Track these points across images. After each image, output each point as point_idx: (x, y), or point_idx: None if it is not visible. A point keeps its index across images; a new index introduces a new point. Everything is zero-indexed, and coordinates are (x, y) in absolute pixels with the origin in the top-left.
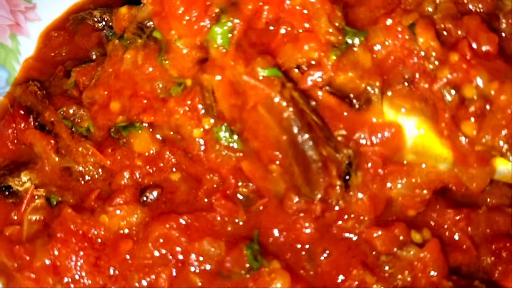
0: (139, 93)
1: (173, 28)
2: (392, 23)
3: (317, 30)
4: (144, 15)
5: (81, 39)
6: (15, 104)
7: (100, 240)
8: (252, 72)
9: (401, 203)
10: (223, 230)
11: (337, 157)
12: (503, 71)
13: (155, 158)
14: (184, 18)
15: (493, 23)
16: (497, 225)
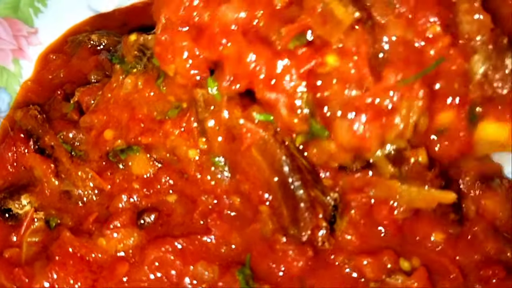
0: (136, 116)
1: (173, 64)
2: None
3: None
4: (153, 44)
5: (78, 62)
6: (16, 127)
7: (97, 263)
8: (248, 117)
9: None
10: (217, 253)
11: (324, 200)
12: None
13: (152, 180)
14: (187, 62)
15: None
16: (486, 251)
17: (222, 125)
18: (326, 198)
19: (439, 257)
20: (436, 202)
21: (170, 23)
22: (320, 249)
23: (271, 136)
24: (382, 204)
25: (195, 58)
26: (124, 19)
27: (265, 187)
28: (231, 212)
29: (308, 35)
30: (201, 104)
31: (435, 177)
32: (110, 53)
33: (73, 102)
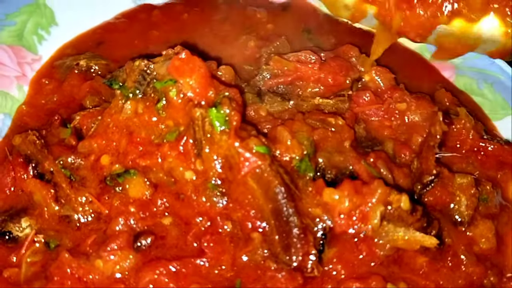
0: (135, 140)
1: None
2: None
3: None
4: (163, 70)
5: (70, 88)
6: (14, 152)
7: (94, 284)
8: (246, 146)
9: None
10: (209, 276)
11: (314, 228)
12: None
13: (148, 203)
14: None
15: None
16: (470, 276)
17: (219, 154)
18: (316, 227)
19: (424, 281)
20: (419, 245)
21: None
22: (309, 276)
23: (267, 165)
24: (367, 241)
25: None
26: (99, 38)
27: (258, 214)
28: (224, 235)
29: None
30: (199, 123)
31: (417, 221)
32: (108, 79)
33: (72, 127)
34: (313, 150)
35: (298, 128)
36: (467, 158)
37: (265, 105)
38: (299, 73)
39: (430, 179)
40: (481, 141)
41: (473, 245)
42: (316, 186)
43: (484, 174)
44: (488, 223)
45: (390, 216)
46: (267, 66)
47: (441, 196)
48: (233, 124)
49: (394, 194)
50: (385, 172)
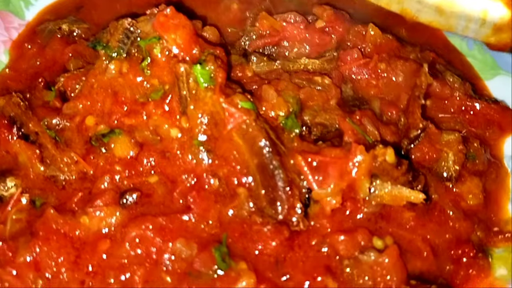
0: (119, 99)
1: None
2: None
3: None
4: (147, 28)
5: (52, 53)
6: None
7: (80, 240)
8: (231, 102)
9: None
10: (196, 232)
11: (299, 183)
12: None
13: (134, 162)
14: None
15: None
16: (457, 231)
17: (204, 111)
18: (302, 182)
19: (411, 236)
20: (405, 201)
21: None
22: (295, 230)
23: (252, 120)
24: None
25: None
26: (80, 2)
27: (244, 170)
28: (210, 191)
29: None
30: (183, 79)
31: (402, 175)
32: (92, 42)
33: (56, 89)
34: (299, 107)
35: (284, 87)
36: (455, 118)
37: (251, 65)
38: (285, 33)
39: (416, 133)
40: (468, 101)
41: (461, 201)
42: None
43: (472, 132)
44: (476, 179)
45: (375, 170)
46: (253, 27)
47: (428, 153)
48: (218, 81)
49: (380, 148)
50: (371, 128)
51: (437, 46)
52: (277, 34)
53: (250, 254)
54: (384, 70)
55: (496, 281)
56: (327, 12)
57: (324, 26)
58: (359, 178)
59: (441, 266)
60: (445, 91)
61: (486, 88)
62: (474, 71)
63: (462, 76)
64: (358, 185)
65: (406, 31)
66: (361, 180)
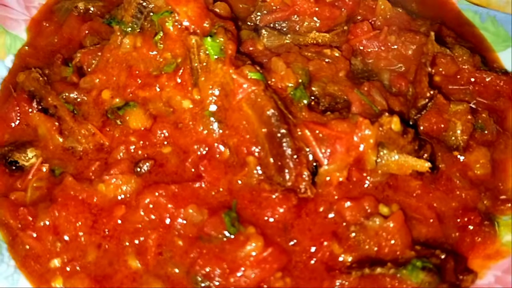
0: (134, 73)
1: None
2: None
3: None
4: (160, 2)
5: (69, 30)
6: (18, 89)
7: (97, 206)
8: (241, 73)
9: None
10: (207, 198)
11: (307, 152)
12: None
13: (148, 133)
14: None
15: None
16: (463, 199)
17: (215, 82)
18: (309, 152)
19: (417, 203)
20: (411, 169)
21: None
22: (302, 197)
23: (261, 90)
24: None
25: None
26: None
27: (253, 139)
28: (221, 160)
29: None
30: (194, 51)
31: (408, 143)
32: (107, 19)
33: (74, 64)
34: (308, 79)
35: (293, 59)
36: (464, 89)
37: (262, 40)
38: (296, 7)
39: (424, 102)
40: (477, 72)
41: (468, 170)
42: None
43: (481, 103)
44: (483, 149)
45: (381, 138)
46: (264, 3)
47: (436, 123)
48: (228, 53)
49: (385, 116)
50: (379, 99)
51: (448, 19)
52: (288, 9)
53: (259, 220)
54: (394, 42)
55: (502, 247)
56: None
57: (334, 0)
58: (366, 152)
59: (447, 233)
60: (454, 63)
61: (498, 60)
62: (486, 43)
63: (473, 49)
64: (365, 159)
65: (416, 5)
66: (368, 154)
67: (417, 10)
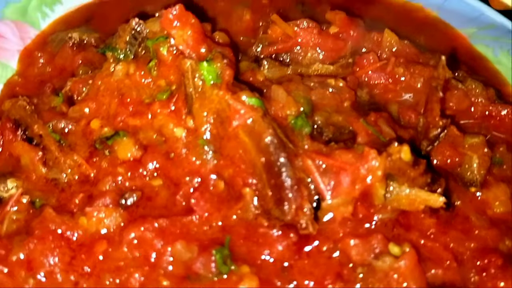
0: (125, 101)
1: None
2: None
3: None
4: (155, 27)
5: (62, 61)
6: (3, 117)
7: (77, 241)
8: (238, 98)
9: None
10: (198, 234)
11: (308, 183)
12: None
13: (137, 164)
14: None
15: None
16: (483, 239)
17: (210, 109)
18: (311, 184)
19: (432, 243)
20: (424, 205)
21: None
22: (304, 234)
23: (259, 117)
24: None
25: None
26: (92, 13)
27: (250, 169)
28: (214, 193)
29: None
30: (188, 76)
31: (420, 175)
32: (102, 48)
33: (63, 93)
34: (310, 108)
35: (295, 88)
36: (478, 123)
37: (262, 70)
38: (298, 38)
39: (436, 132)
40: (492, 106)
41: (487, 208)
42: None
43: (498, 137)
44: (503, 185)
45: (390, 170)
46: (265, 34)
47: (450, 156)
48: (225, 78)
49: (394, 146)
50: (387, 129)
51: (459, 54)
52: (290, 40)
53: (255, 258)
54: (402, 74)
55: None
56: (339, 16)
57: (338, 32)
58: (373, 185)
59: (466, 276)
60: (467, 97)
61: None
62: (501, 76)
63: (486, 82)
64: (372, 192)
65: (425, 39)
66: (375, 187)
67: (425, 44)
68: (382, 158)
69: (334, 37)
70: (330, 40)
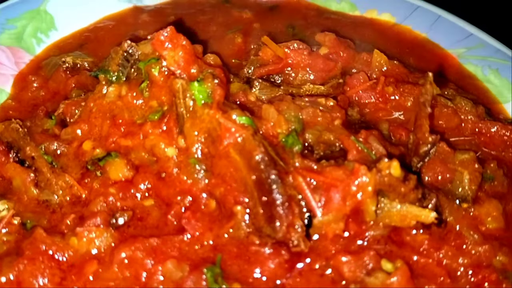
0: (117, 122)
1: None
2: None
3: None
4: (147, 49)
5: (56, 85)
6: None
7: (68, 262)
8: (228, 117)
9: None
10: (189, 254)
11: (299, 200)
12: None
13: (129, 185)
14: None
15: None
16: (477, 255)
17: (201, 129)
18: (302, 201)
19: (425, 259)
20: (415, 220)
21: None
22: (295, 251)
23: (250, 135)
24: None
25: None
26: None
27: (241, 188)
28: (206, 212)
29: None
30: (179, 95)
31: (411, 191)
32: (94, 71)
33: (56, 115)
34: (300, 126)
35: (286, 107)
36: (469, 140)
37: (254, 91)
38: (289, 59)
39: (426, 148)
40: (481, 123)
41: (479, 224)
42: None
43: (488, 154)
44: (494, 201)
45: (381, 185)
46: (256, 57)
47: (441, 172)
48: (216, 98)
49: (384, 161)
50: (378, 146)
51: (448, 73)
52: (281, 61)
53: (247, 277)
54: (392, 93)
55: None
56: (329, 37)
57: (328, 53)
58: (364, 201)
59: None
60: (456, 115)
61: (504, 112)
62: (490, 95)
63: (476, 100)
64: (363, 209)
65: (414, 60)
66: (366, 204)
67: (414, 64)
68: (372, 174)
69: (325, 58)
70: (320, 61)
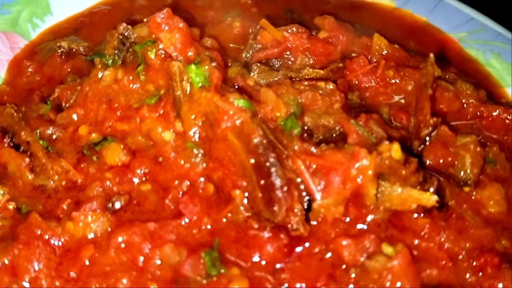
0: (113, 106)
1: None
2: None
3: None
4: (143, 32)
5: (51, 69)
6: None
7: (63, 247)
8: (226, 100)
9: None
10: (186, 238)
11: (298, 183)
12: None
13: (125, 169)
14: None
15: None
16: (479, 239)
17: (199, 112)
18: (302, 185)
19: (426, 243)
20: (416, 204)
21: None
22: (295, 235)
23: (248, 118)
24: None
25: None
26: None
27: (240, 172)
28: (204, 196)
29: None
30: (176, 78)
31: (411, 174)
32: (90, 56)
33: (52, 100)
34: (299, 110)
35: (285, 91)
36: (470, 124)
37: (252, 75)
38: (287, 43)
39: (427, 131)
40: (483, 106)
41: (481, 208)
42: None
43: (490, 138)
44: (496, 185)
45: (381, 168)
46: (255, 41)
47: (443, 156)
48: (214, 81)
49: (385, 144)
50: (378, 130)
51: (450, 57)
52: (279, 45)
53: (245, 261)
54: (393, 77)
55: None
56: (328, 20)
57: (327, 37)
58: (365, 185)
59: (462, 276)
60: (458, 99)
61: (506, 95)
62: (492, 79)
63: (477, 84)
64: (364, 192)
65: (414, 44)
66: (366, 187)
67: (415, 48)
68: (372, 157)
69: (324, 41)
70: (319, 44)
